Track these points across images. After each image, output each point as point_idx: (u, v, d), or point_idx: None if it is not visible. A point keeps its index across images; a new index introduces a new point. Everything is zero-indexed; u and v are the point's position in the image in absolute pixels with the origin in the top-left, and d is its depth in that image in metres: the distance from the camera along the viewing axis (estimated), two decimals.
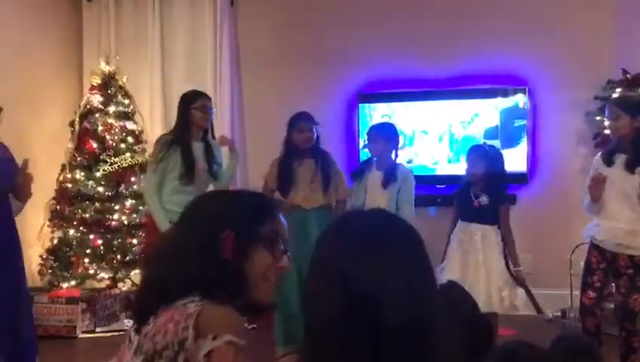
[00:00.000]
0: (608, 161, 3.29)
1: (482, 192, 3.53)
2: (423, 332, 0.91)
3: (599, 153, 3.45)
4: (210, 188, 3.80)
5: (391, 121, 4.78)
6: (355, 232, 0.99)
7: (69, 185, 4.74)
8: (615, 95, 4.26)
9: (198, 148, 3.65)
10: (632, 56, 4.48)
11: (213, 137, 3.83)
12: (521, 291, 3.52)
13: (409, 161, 4.74)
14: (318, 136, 3.84)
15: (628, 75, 4.37)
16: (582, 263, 3.43)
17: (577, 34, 4.71)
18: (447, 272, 3.53)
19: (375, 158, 3.79)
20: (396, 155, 3.77)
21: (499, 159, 3.64)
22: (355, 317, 0.91)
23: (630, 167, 3.19)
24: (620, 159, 3.24)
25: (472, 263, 3.49)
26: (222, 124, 5.18)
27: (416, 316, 0.91)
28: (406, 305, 0.91)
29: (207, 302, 1.12)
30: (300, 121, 3.79)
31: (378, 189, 3.69)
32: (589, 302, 3.30)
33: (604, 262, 3.29)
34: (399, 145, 3.83)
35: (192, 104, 3.63)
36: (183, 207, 3.29)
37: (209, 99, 3.73)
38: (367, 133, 3.91)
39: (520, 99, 4.76)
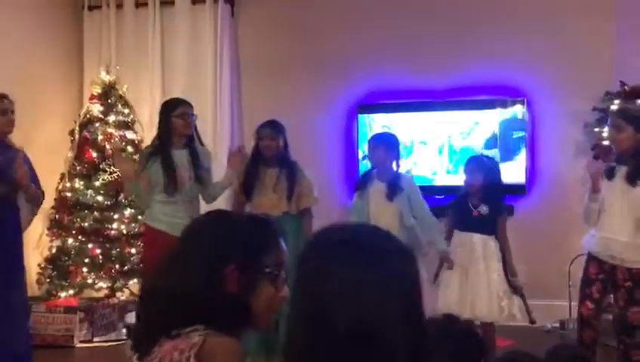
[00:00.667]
0: (609, 174, 3.28)
1: (481, 203, 3.54)
2: (411, 348, 0.91)
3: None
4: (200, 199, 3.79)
5: (391, 132, 4.81)
6: (326, 245, 0.98)
7: (69, 194, 4.74)
8: (613, 107, 4.28)
9: (181, 155, 3.61)
10: (630, 68, 4.50)
11: (201, 143, 3.79)
12: (518, 300, 3.52)
13: (407, 172, 4.75)
14: (286, 145, 3.84)
15: (626, 87, 4.39)
16: (580, 274, 3.43)
17: (576, 46, 4.74)
18: (446, 284, 3.53)
19: (375, 169, 3.78)
20: (398, 165, 3.77)
21: (496, 170, 3.65)
22: (316, 329, 0.90)
23: (631, 180, 3.18)
24: (621, 172, 3.24)
25: (472, 273, 3.49)
26: (222, 133, 5.20)
27: (370, 333, 0.90)
28: (359, 321, 0.90)
29: (210, 332, 1.13)
30: (261, 129, 3.83)
31: (383, 201, 3.65)
32: (588, 314, 3.27)
33: (603, 273, 3.27)
34: (400, 155, 3.82)
35: (173, 112, 3.60)
36: (171, 217, 3.25)
37: (190, 106, 3.68)
38: (368, 142, 3.90)
39: (519, 111, 4.78)
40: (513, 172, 4.69)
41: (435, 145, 4.92)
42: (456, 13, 4.95)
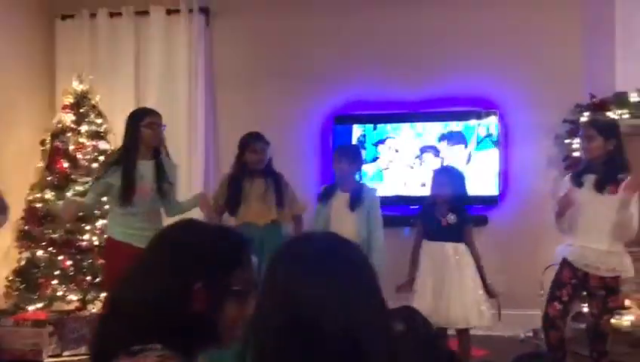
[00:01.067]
0: (578, 182, 3.35)
1: (448, 212, 3.59)
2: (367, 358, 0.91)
3: (569, 174, 3.52)
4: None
5: (358, 142, 4.85)
6: (306, 255, 0.98)
7: (39, 205, 4.66)
8: (583, 118, 4.37)
9: (146, 167, 3.55)
10: (600, 81, 4.60)
11: (167, 155, 3.73)
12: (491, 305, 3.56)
13: (373, 181, 4.79)
14: (270, 157, 3.86)
15: (595, 100, 4.49)
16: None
17: (546, 59, 4.83)
18: (419, 294, 3.54)
19: (339, 180, 3.83)
20: (360, 177, 3.81)
21: (463, 181, 3.72)
22: (299, 338, 0.91)
23: (599, 187, 3.25)
24: (589, 180, 3.30)
25: (447, 281, 3.52)
26: (196, 143, 5.17)
27: (356, 339, 0.91)
28: (345, 326, 0.91)
29: (167, 353, 1.09)
30: (254, 142, 3.81)
31: (344, 211, 3.70)
32: (554, 314, 3.32)
33: (576, 279, 3.33)
34: (362, 166, 3.87)
35: (141, 122, 3.54)
36: (131, 228, 3.19)
37: (158, 116, 3.63)
38: (333, 154, 3.95)
39: (491, 122, 4.84)
40: (486, 182, 4.75)
41: (409, 156, 4.96)
42: (431, 26, 5.01)
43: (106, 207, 4.45)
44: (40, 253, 4.60)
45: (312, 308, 0.91)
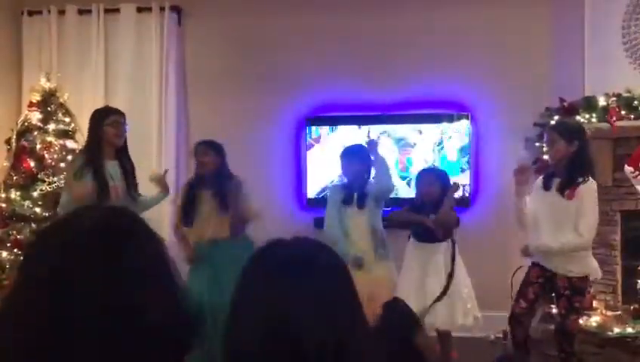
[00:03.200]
0: (546, 185, 3.41)
1: (431, 212, 3.63)
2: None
3: (540, 177, 3.57)
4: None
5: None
6: (280, 261, 0.97)
7: (4, 205, 4.55)
8: (553, 122, 4.43)
9: (113, 167, 3.50)
10: (569, 85, 4.67)
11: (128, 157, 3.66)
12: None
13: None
14: (223, 162, 3.77)
15: (564, 103, 4.55)
16: None
17: (518, 63, 4.89)
18: (400, 293, 3.55)
19: (348, 180, 3.82)
20: (369, 176, 3.81)
21: (448, 181, 3.75)
22: (277, 345, 0.89)
23: (562, 190, 3.30)
24: (555, 184, 3.36)
25: (432, 283, 3.54)
26: (167, 145, 5.10)
27: (336, 345, 0.90)
28: (326, 334, 0.90)
29: None
30: (195, 148, 3.81)
31: (355, 211, 3.71)
32: (519, 311, 3.41)
33: (543, 277, 3.39)
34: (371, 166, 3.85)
35: (105, 120, 3.49)
36: None
37: (122, 115, 3.58)
38: (341, 155, 3.87)
39: (463, 125, 4.88)
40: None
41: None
42: (404, 29, 5.03)
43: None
44: (4, 254, 4.50)
45: (294, 320, 0.90)
